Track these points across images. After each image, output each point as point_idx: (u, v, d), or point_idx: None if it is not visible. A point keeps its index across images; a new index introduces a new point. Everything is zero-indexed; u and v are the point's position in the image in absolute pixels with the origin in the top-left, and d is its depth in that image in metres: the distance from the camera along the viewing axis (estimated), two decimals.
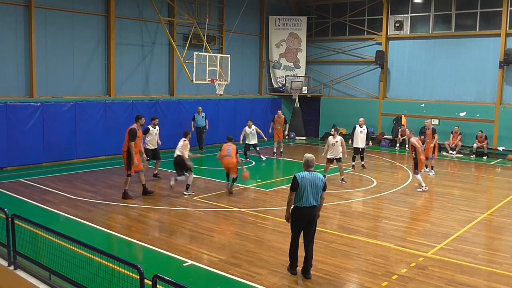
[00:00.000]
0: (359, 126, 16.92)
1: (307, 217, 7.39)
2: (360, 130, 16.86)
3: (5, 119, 15.45)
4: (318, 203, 7.47)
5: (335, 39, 25.89)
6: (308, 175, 7.39)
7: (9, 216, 7.23)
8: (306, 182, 7.32)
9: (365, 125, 17.10)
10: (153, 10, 19.44)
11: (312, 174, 7.42)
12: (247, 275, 7.57)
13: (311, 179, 7.35)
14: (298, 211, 7.41)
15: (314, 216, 7.46)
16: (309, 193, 7.31)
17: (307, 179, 7.34)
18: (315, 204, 7.41)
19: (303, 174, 7.40)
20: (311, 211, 7.40)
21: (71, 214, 10.84)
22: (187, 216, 10.94)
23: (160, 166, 15.25)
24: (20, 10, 16.31)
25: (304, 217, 7.39)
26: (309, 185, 7.32)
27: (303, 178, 7.34)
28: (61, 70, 17.55)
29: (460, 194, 13.34)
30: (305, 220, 7.41)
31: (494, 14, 20.97)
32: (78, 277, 6.45)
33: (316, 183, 7.38)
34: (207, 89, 22.02)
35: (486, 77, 21.32)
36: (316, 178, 7.40)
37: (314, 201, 7.38)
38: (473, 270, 8.01)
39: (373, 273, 7.80)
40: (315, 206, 7.43)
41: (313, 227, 7.53)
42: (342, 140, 14.72)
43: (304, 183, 7.31)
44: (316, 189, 7.38)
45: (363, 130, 16.86)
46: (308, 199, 7.32)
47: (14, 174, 15.02)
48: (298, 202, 7.37)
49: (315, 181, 7.37)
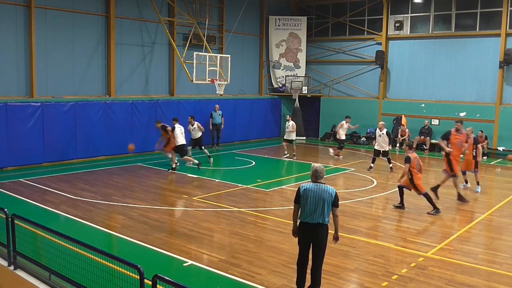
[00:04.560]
0: (379, 130, 16.96)
1: (310, 235, 6.56)
2: (379, 134, 16.87)
3: (5, 119, 15.44)
4: (325, 221, 6.52)
5: (335, 39, 25.89)
6: (312, 187, 6.55)
7: (9, 216, 7.23)
8: (308, 194, 6.51)
9: (385, 128, 17.00)
10: (153, 10, 19.44)
11: (318, 187, 6.55)
12: (247, 275, 7.57)
13: (315, 191, 6.50)
14: (301, 226, 6.65)
15: (320, 236, 6.55)
16: (311, 207, 6.48)
17: (309, 191, 6.53)
18: (320, 222, 6.49)
19: (306, 186, 6.60)
20: (316, 229, 6.52)
21: (71, 214, 10.84)
22: (187, 216, 10.94)
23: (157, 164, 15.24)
24: (20, 10, 16.31)
25: (307, 234, 6.60)
26: (311, 198, 6.48)
27: (305, 189, 6.56)
28: (61, 70, 17.54)
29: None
30: (309, 238, 6.59)
31: (494, 14, 20.96)
32: (78, 277, 6.45)
33: (322, 196, 6.46)
34: (207, 89, 22.02)
35: (486, 77, 21.32)
36: (322, 191, 6.50)
37: (320, 217, 6.48)
38: (473, 270, 8.01)
39: (373, 273, 7.80)
40: (321, 224, 6.51)
41: (321, 250, 6.61)
42: (293, 124, 18.58)
43: (306, 195, 6.53)
44: (322, 203, 6.46)
45: (382, 134, 16.81)
46: (311, 215, 6.49)
47: (14, 174, 15.02)
48: (301, 217, 6.62)
49: (321, 195, 6.47)
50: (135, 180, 14.71)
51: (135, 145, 16.85)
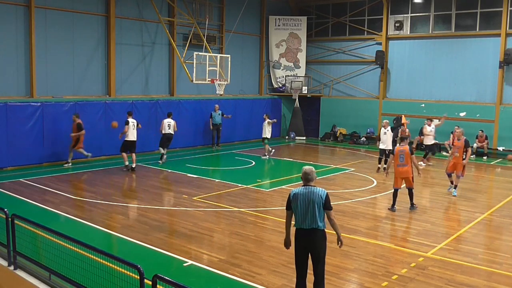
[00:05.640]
0: (383, 128, 16.56)
1: (306, 242, 6.24)
2: (384, 132, 16.45)
3: (5, 119, 15.45)
4: (319, 226, 6.18)
5: (335, 39, 25.89)
6: (301, 191, 6.24)
7: (9, 216, 7.23)
8: (298, 198, 6.22)
9: (389, 126, 16.68)
10: (153, 10, 19.44)
11: (308, 189, 6.22)
12: (247, 275, 7.57)
13: (304, 195, 6.19)
14: (296, 233, 6.32)
15: (317, 242, 6.23)
16: (302, 211, 6.18)
17: (299, 195, 6.22)
18: (314, 227, 6.16)
19: (296, 190, 6.30)
20: (310, 234, 6.19)
21: (71, 214, 10.84)
22: (187, 216, 10.94)
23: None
24: (20, 10, 16.31)
25: (301, 241, 6.26)
26: (301, 202, 6.18)
27: (295, 194, 6.27)
28: (61, 70, 17.55)
29: (460, 194, 13.32)
30: (305, 245, 6.25)
31: (494, 14, 20.96)
32: (78, 277, 6.44)
33: (312, 199, 6.14)
34: (207, 89, 22.01)
35: (486, 77, 21.32)
36: (311, 194, 6.17)
37: (313, 222, 6.15)
38: (473, 270, 8.00)
39: (373, 273, 7.80)
40: (315, 230, 6.18)
41: (319, 258, 6.25)
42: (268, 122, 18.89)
43: (296, 199, 6.24)
44: (312, 207, 6.14)
45: (386, 131, 16.40)
46: (304, 220, 6.18)
47: (14, 174, 15.02)
48: (296, 223, 6.32)
49: (311, 197, 6.15)
50: (135, 180, 14.71)
51: (118, 123, 16.37)
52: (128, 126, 15.85)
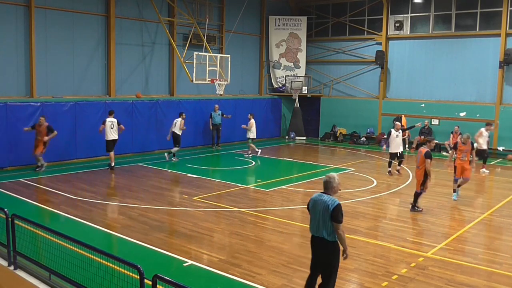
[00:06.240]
0: (395, 130, 16.10)
1: (315, 248, 6.21)
2: (396, 134, 16.02)
3: (5, 119, 15.44)
4: (326, 236, 5.97)
5: (335, 39, 25.89)
6: (316, 197, 6.17)
7: (9, 216, 7.23)
8: (311, 204, 6.19)
9: (401, 129, 16.31)
10: (153, 10, 19.44)
11: (321, 197, 6.07)
12: (247, 275, 7.56)
13: (315, 202, 6.11)
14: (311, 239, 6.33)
15: (325, 253, 6.06)
16: (314, 219, 6.11)
17: (313, 201, 6.18)
18: (322, 236, 5.99)
19: (313, 196, 6.25)
20: (319, 243, 6.08)
21: (71, 214, 10.84)
22: (187, 216, 10.94)
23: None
24: (20, 10, 16.31)
25: (313, 246, 6.25)
26: (311, 209, 6.17)
27: (311, 198, 6.24)
28: (61, 70, 17.54)
29: (460, 194, 13.31)
30: (314, 251, 6.23)
31: (494, 14, 20.96)
32: (78, 277, 6.44)
33: (320, 208, 5.99)
34: (207, 89, 22.02)
35: (486, 77, 21.32)
36: (321, 202, 6.01)
37: (319, 231, 6.02)
38: (473, 270, 8.00)
39: (373, 273, 7.80)
40: (323, 240, 6.01)
41: (327, 268, 6.07)
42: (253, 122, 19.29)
43: (310, 205, 6.23)
44: (322, 216, 5.97)
45: (398, 134, 16.06)
46: (312, 225, 6.15)
47: (14, 174, 15.01)
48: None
49: (320, 206, 5.99)
50: (135, 180, 14.71)
51: None
52: (104, 125, 15.94)
